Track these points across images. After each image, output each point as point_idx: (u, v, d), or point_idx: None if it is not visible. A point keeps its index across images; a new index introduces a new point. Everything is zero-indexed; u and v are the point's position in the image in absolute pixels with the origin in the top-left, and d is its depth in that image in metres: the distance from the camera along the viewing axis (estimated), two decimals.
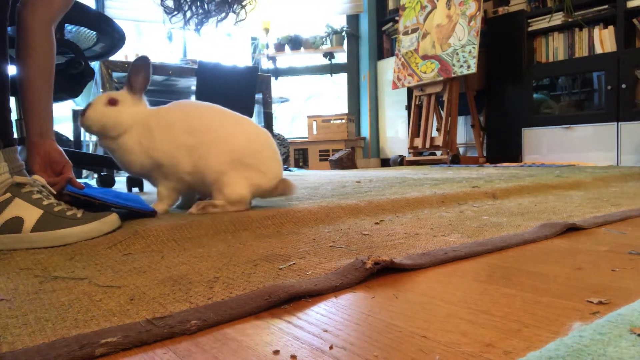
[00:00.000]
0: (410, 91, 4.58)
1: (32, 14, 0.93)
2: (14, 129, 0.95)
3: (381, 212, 1.12)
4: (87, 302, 0.49)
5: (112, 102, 1.03)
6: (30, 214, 0.80)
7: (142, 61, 1.05)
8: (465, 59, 3.76)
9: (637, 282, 0.52)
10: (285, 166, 4.40)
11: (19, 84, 0.94)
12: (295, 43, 5.20)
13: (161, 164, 1.04)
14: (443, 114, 4.02)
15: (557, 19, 3.77)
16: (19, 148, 0.99)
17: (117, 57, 2.50)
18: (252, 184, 1.05)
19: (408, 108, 4.70)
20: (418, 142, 4.21)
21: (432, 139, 4.12)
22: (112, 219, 0.86)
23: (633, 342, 0.32)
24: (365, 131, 5.30)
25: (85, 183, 1.04)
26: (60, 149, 0.98)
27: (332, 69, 5.35)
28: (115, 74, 2.64)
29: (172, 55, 3.84)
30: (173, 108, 1.08)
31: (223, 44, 5.10)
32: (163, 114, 1.06)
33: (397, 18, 4.70)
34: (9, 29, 0.91)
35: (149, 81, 1.06)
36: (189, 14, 1.21)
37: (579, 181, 1.70)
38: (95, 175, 3.22)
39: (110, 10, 4.46)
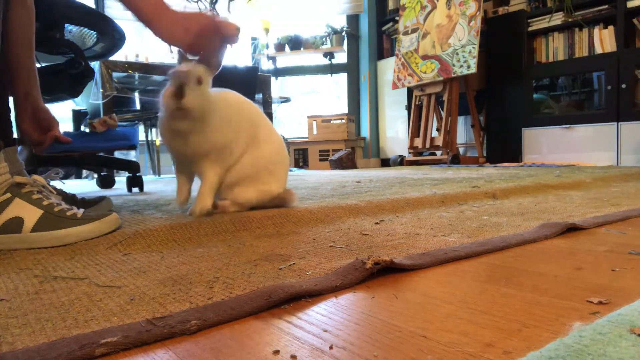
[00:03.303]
0: (410, 91, 4.58)
1: None
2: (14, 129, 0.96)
3: (381, 212, 1.12)
4: (87, 302, 0.49)
5: (200, 81, 0.92)
6: (30, 214, 0.80)
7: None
8: (465, 59, 3.76)
9: (637, 282, 0.52)
10: None
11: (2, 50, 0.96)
12: (295, 43, 5.19)
13: (228, 146, 0.98)
14: (443, 114, 4.02)
15: (557, 19, 3.77)
16: (19, 148, 0.99)
17: (117, 57, 2.50)
18: (264, 190, 1.05)
19: (408, 108, 4.70)
20: (418, 142, 4.21)
21: (432, 139, 4.11)
22: (112, 219, 0.86)
23: (633, 342, 0.32)
24: (365, 131, 5.30)
25: (69, 133, 1.07)
26: (47, 107, 1.02)
27: (332, 69, 5.35)
28: (115, 74, 2.64)
29: (172, 55, 3.84)
30: (236, 94, 1.05)
31: None
32: (232, 98, 1.03)
33: (397, 18, 4.70)
34: None
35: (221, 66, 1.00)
36: None
37: (579, 181, 1.70)
38: (95, 175, 3.22)
39: (110, 10, 4.46)
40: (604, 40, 3.55)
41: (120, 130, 1.22)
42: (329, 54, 5.24)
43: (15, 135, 0.95)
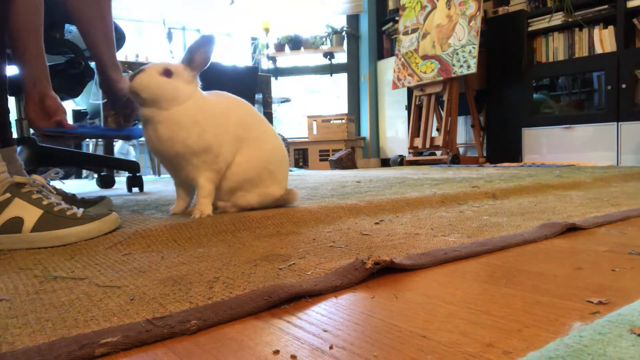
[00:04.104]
0: (410, 91, 4.58)
1: None
2: (14, 129, 0.96)
3: (381, 212, 1.12)
4: (87, 302, 0.49)
5: (167, 73, 0.95)
6: (30, 214, 0.79)
7: (207, 39, 0.99)
8: (465, 59, 3.76)
9: (637, 282, 0.52)
10: None
11: (9, 37, 0.95)
12: (295, 43, 5.19)
13: (209, 149, 0.96)
14: (443, 114, 4.02)
15: (557, 19, 3.77)
16: (19, 148, 0.99)
17: (117, 57, 2.50)
18: (266, 193, 1.05)
19: (408, 108, 4.70)
20: (418, 142, 4.21)
21: (432, 139, 4.11)
22: (111, 219, 0.86)
23: (633, 342, 0.32)
24: (365, 131, 5.30)
25: (80, 124, 1.06)
26: (55, 95, 1.00)
27: (332, 69, 5.35)
28: None
29: (172, 55, 3.84)
30: (226, 96, 1.05)
31: (223, 44, 5.10)
32: (218, 100, 1.02)
33: (397, 18, 4.70)
34: None
35: (209, 61, 1.01)
36: None
37: (579, 181, 1.70)
38: (95, 175, 3.22)
39: None
40: (604, 40, 3.55)
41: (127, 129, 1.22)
42: (329, 54, 5.24)
43: (15, 135, 0.95)
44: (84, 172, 4.16)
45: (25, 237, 0.79)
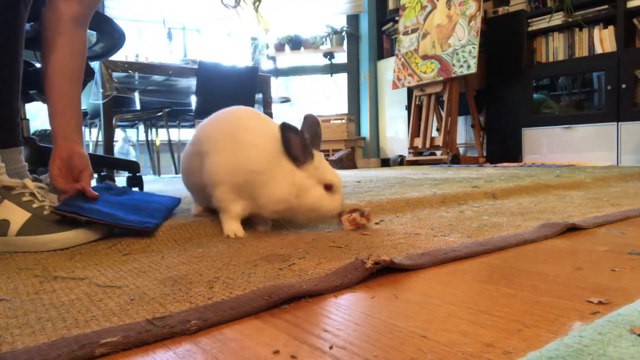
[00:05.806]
0: (410, 91, 4.58)
1: (53, 12, 0.89)
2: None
3: (381, 212, 1.12)
4: (87, 302, 0.49)
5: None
6: (17, 217, 0.77)
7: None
8: (465, 59, 3.76)
9: (637, 282, 0.52)
10: None
11: (43, 84, 0.90)
12: (295, 43, 5.19)
13: None
14: (443, 114, 4.02)
15: (557, 19, 3.77)
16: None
17: (117, 57, 2.50)
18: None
19: (408, 108, 4.70)
20: (418, 142, 4.21)
21: (432, 139, 4.11)
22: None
23: (633, 342, 0.33)
24: (365, 131, 5.30)
25: (107, 184, 0.96)
26: (85, 153, 0.92)
27: (332, 69, 5.34)
28: (115, 74, 2.64)
29: (172, 55, 3.84)
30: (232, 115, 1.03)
31: (223, 44, 5.10)
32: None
33: (397, 18, 4.70)
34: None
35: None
36: None
37: (579, 181, 1.70)
38: (95, 175, 3.22)
39: (110, 10, 4.46)
40: (604, 40, 3.55)
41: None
42: (329, 54, 5.23)
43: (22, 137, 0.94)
44: None
45: (11, 240, 0.77)
